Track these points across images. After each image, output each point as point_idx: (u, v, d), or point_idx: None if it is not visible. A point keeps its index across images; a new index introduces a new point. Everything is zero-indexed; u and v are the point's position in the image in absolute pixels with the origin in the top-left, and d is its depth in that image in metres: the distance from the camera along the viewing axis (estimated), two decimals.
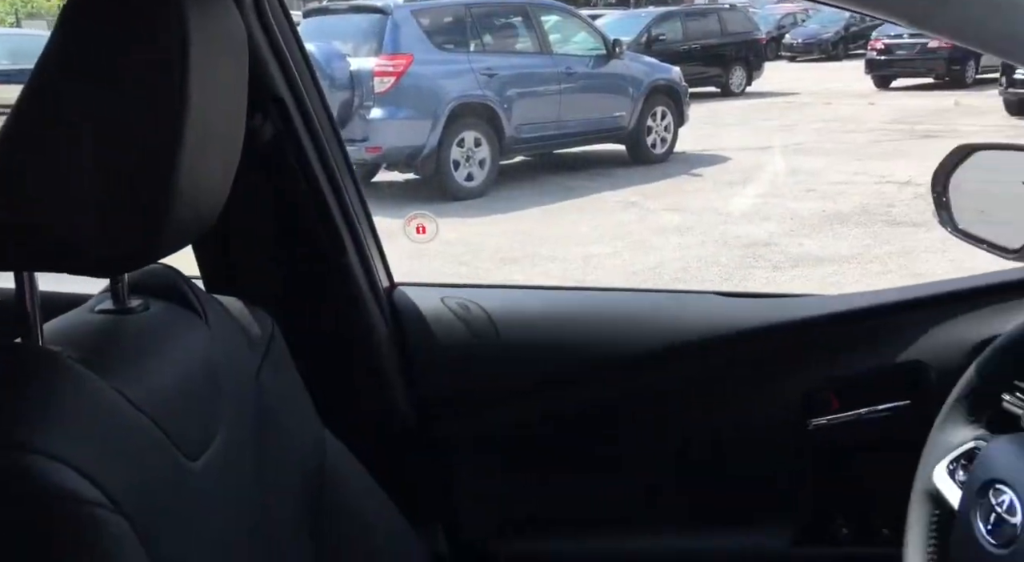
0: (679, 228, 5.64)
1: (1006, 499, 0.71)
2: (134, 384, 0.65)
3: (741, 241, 5.21)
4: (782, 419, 1.07)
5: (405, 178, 6.84)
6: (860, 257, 4.60)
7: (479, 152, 6.79)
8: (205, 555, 0.67)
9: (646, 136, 7.99)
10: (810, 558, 1.06)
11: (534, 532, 1.11)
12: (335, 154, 1.00)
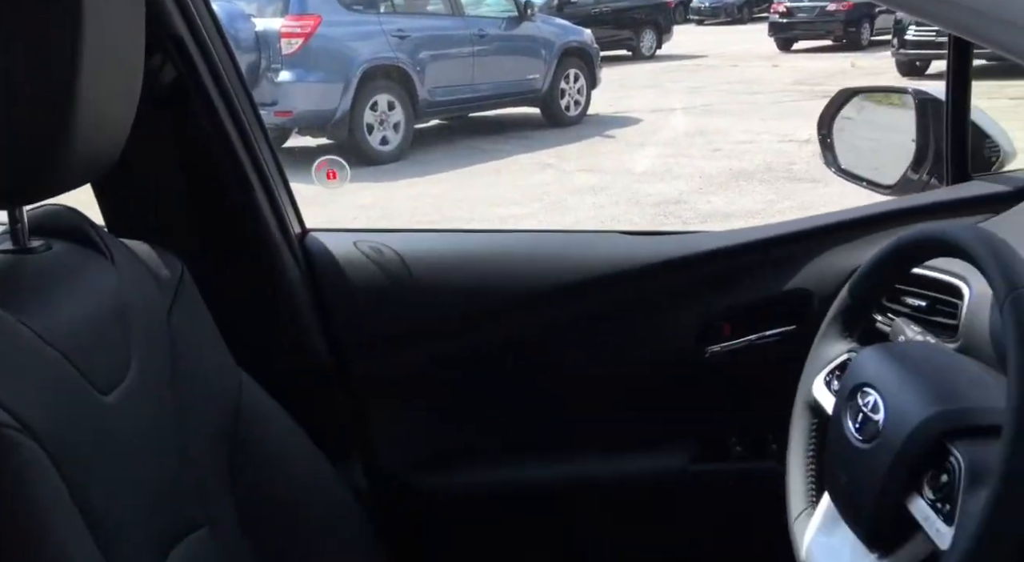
0: (594, 188, 5.75)
1: (871, 400, 0.78)
2: (41, 319, 0.65)
3: (652, 199, 5.36)
4: (680, 348, 1.14)
5: (318, 143, 6.72)
6: (764, 212, 4.79)
7: (393, 115, 6.73)
8: (121, 486, 0.69)
9: (560, 98, 8.08)
10: (706, 474, 1.14)
11: (451, 466, 1.15)
12: (239, 96, 1.00)
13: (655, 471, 1.14)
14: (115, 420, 0.70)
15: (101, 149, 0.68)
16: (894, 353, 0.82)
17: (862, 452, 0.77)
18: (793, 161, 5.77)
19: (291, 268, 1.07)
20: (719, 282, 1.15)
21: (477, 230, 1.30)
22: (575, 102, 8.26)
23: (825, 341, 0.91)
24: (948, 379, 0.76)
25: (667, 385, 1.16)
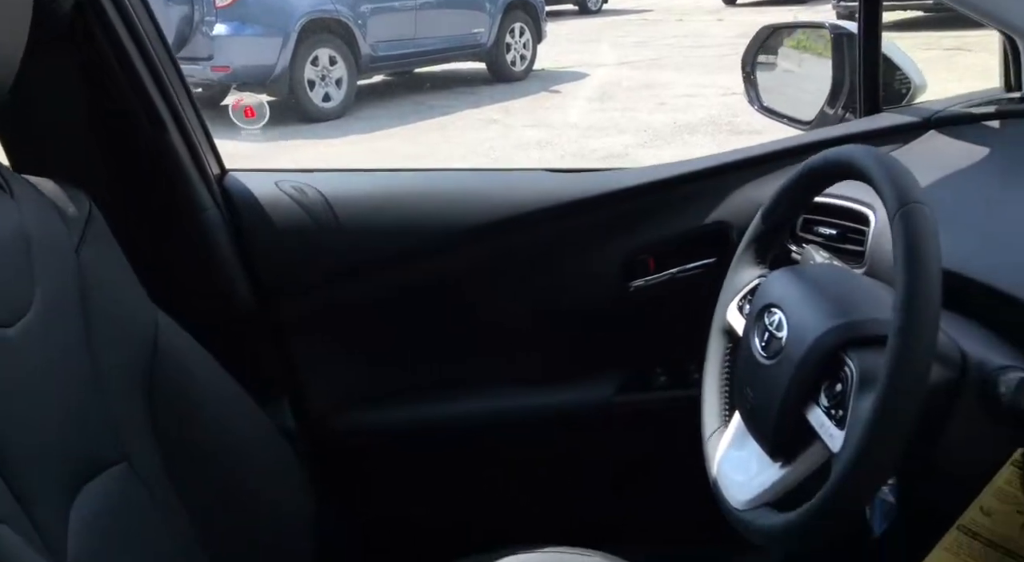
0: (540, 143, 5.75)
1: (776, 318, 0.81)
2: None
3: (598, 154, 5.38)
4: (606, 282, 1.16)
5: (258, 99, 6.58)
6: None
7: (335, 71, 6.60)
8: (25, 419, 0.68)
9: (505, 53, 8.02)
10: (631, 404, 1.17)
11: (376, 403, 1.17)
12: (146, 26, 0.97)
13: (582, 403, 1.17)
14: (17, 353, 0.69)
15: None
16: (799, 274, 0.85)
17: (766, 368, 0.80)
18: (736, 114, 5.83)
19: (210, 208, 1.06)
20: (643, 217, 1.17)
21: (402, 169, 1.29)
22: (521, 57, 8.20)
23: (739, 268, 0.94)
24: (846, 296, 0.79)
25: (593, 319, 1.18)
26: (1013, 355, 0.74)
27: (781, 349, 0.79)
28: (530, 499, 1.18)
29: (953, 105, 1.10)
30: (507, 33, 7.99)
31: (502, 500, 1.18)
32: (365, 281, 1.13)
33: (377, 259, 1.12)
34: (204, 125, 1.08)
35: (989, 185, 0.96)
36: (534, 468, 1.18)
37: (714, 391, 0.94)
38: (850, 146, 0.79)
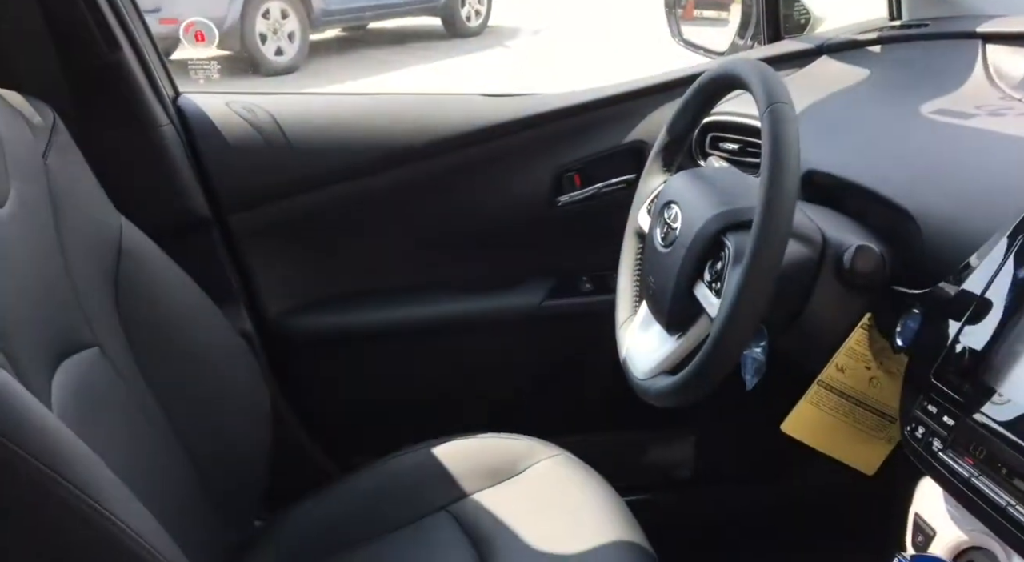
0: None
1: (674, 212, 0.93)
2: None
3: None
4: (536, 198, 1.27)
5: (210, 54, 6.50)
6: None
7: (287, 24, 6.52)
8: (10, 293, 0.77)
9: (460, 8, 8.02)
10: (559, 308, 1.29)
11: (327, 307, 1.27)
12: None
13: (515, 307, 1.28)
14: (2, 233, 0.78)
15: None
16: (695, 175, 0.97)
17: (664, 255, 0.92)
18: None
19: (165, 125, 1.14)
20: (569, 137, 1.28)
21: (346, 93, 1.37)
22: (476, 12, 8.16)
23: (648, 176, 1.06)
24: (730, 190, 0.91)
25: (524, 231, 1.29)
26: (868, 237, 0.87)
27: (676, 238, 0.91)
28: (468, 393, 1.30)
29: (843, 33, 1.22)
30: None
31: (442, 393, 1.30)
32: (314, 194, 1.22)
33: (324, 174, 1.22)
34: (158, 49, 1.15)
35: (867, 102, 1.09)
36: (471, 365, 1.30)
37: (627, 286, 1.06)
38: (732, 59, 0.90)
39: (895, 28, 1.18)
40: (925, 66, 1.07)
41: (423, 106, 1.29)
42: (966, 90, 0.98)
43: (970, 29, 1.05)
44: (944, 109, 0.95)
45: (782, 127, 0.78)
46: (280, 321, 1.24)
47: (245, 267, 1.22)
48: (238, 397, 1.05)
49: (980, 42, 1.03)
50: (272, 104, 1.22)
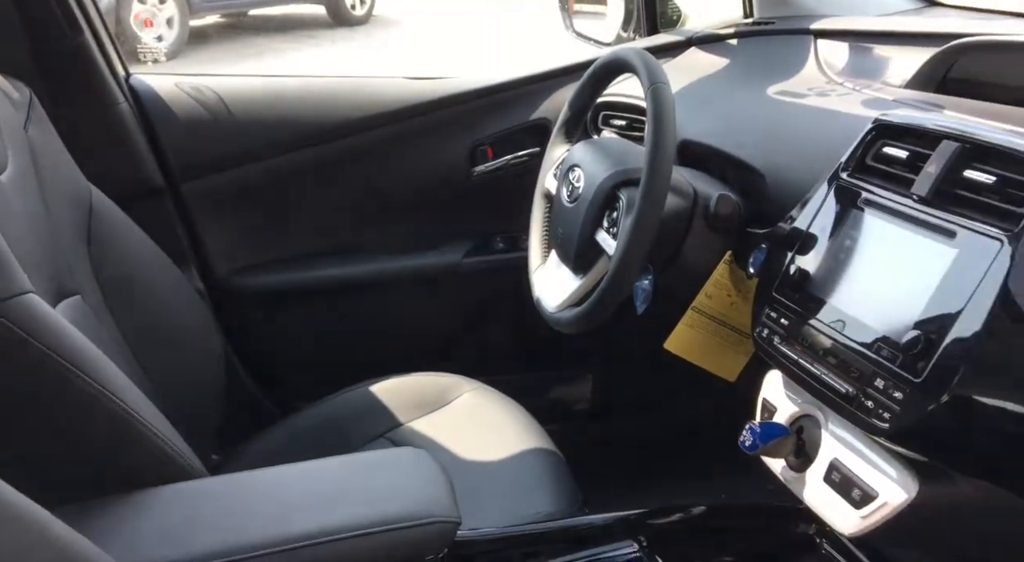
0: None
1: (577, 174, 1.13)
2: None
3: None
4: (455, 168, 1.46)
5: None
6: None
7: (165, 9, 6.39)
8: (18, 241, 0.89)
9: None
10: (476, 264, 1.49)
11: (271, 266, 1.42)
12: None
13: (439, 264, 1.47)
14: (5, 195, 0.90)
15: None
16: (593, 144, 1.18)
17: (569, 210, 1.13)
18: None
19: (121, 102, 1.26)
20: (483, 115, 1.47)
21: (286, 75, 1.51)
22: (361, 1, 8.20)
23: (553, 146, 1.26)
24: (622, 155, 1.12)
25: (445, 197, 1.48)
26: (727, 190, 1.10)
27: (579, 194, 1.12)
28: (399, 339, 1.48)
29: (708, 28, 1.46)
30: None
31: (376, 341, 1.47)
32: (257, 165, 1.37)
33: (267, 147, 1.36)
34: (110, 33, 1.27)
35: (727, 84, 1.33)
36: (401, 315, 1.48)
37: (537, 239, 1.26)
38: (620, 48, 1.12)
39: (748, 25, 1.43)
40: (770, 56, 1.32)
41: (355, 87, 1.45)
42: (801, 75, 1.23)
43: (805, 27, 1.31)
44: (784, 90, 1.20)
45: (662, 102, 1.00)
46: (228, 279, 1.38)
47: (196, 231, 1.35)
48: (194, 340, 1.19)
49: (812, 37, 1.29)
50: (217, 84, 1.35)
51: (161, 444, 0.79)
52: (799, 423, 0.93)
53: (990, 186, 0.75)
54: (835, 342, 0.83)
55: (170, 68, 6.04)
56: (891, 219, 0.83)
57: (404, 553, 0.77)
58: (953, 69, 1.05)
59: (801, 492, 0.89)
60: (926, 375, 0.72)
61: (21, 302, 0.74)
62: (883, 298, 0.81)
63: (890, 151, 0.86)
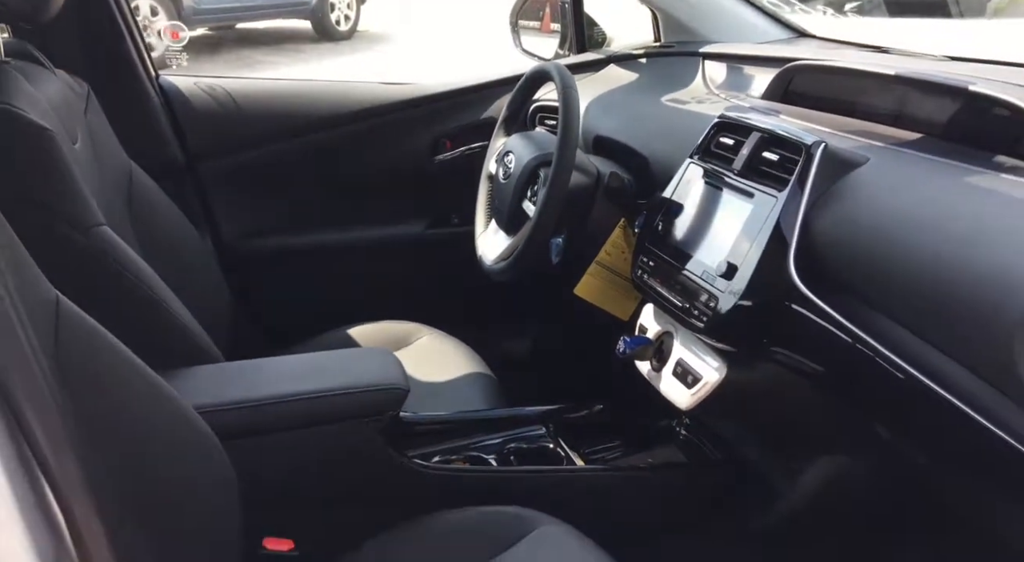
0: None
1: (510, 157, 1.47)
2: (27, 96, 1.13)
3: None
4: (420, 156, 1.80)
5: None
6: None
7: (156, 22, 6.71)
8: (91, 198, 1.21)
9: (330, 12, 8.34)
10: (436, 236, 1.82)
11: (270, 232, 1.75)
12: None
13: (406, 234, 1.81)
14: (78, 159, 1.22)
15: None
16: (525, 135, 1.51)
17: (504, 185, 1.46)
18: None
19: (153, 97, 1.59)
20: (443, 114, 1.81)
21: (285, 78, 1.84)
22: (345, 17, 8.46)
23: (495, 137, 1.60)
24: (544, 143, 1.45)
25: (411, 180, 1.82)
26: (622, 170, 1.44)
27: (511, 173, 1.46)
28: (372, 293, 1.81)
29: (624, 49, 1.82)
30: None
31: (353, 294, 1.80)
32: (260, 150, 1.70)
33: (268, 136, 1.70)
34: (145, 43, 1.60)
35: (634, 93, 1.68)
36: (374, 274, 1.81)
37: (482, 211, 1.60)
38: (544, 63, 1.46)
39: (656, 47, 1.78)
40: (669, 72, 1.67)
41: (339, 89, 1.80)
42: (689, 88, 1.58)
43: (697, 50, 1.66)
44: (674, 98, 1.55)
45: (570, 103, 1.33)
46: (234, 243, 1.71)
47: (208, 201, 1.68)
48: (207, 280, 1.50)
49: (701, 58, 1.64)
50: (228, 84, 1.69)
51: (191, 333, 1.11)
52: (661, 338, 1.27)
53: (775, 162, 1.09)
54: (680, 274, 1.17)
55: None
56: (719, 187, 1.18)
57: (368, 408, 1.10)
58: (792, 84, 1.40)
59: (658, 384, 1.23)
60: (727, 288, 1.06)
61: (99, 231, 1.06)
62: (710, 241, 1.15)
63: (723, 140, 1.21)
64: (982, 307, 0.77)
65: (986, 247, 0.80)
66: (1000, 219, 0.84)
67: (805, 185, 1.03)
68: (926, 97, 1.11)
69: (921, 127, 1.11)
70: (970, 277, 0.79)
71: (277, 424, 1.05)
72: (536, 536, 1.02)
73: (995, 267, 0.77)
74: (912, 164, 1.01)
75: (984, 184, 0.90)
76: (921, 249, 0.87)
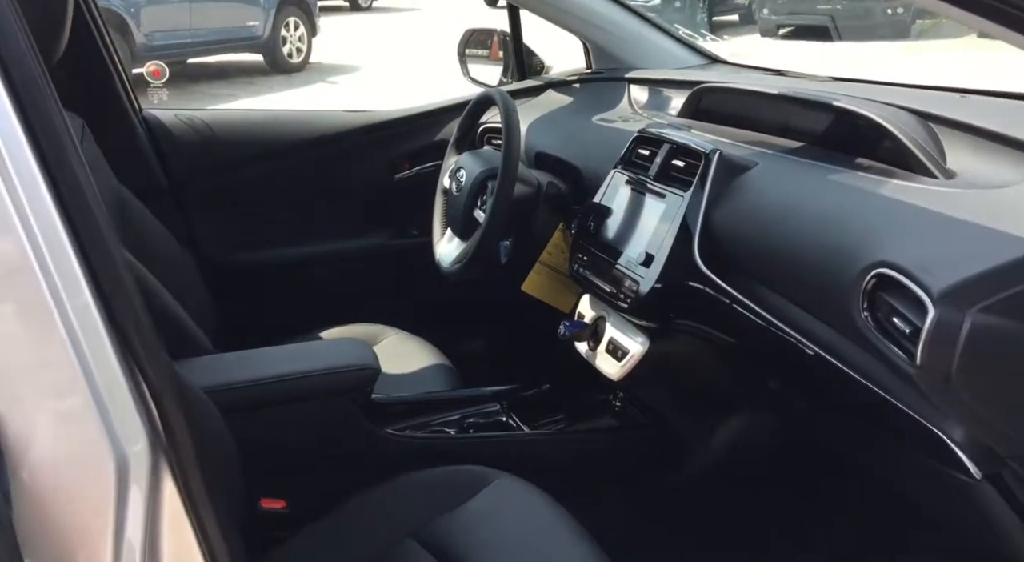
0: None
1: (461, 172, 1.67)
2: None
3: None
4: (381, 175, 2.00)
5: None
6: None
7: None
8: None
9: (282, 46, 8.52)
10: (398, 245, 2.02)
11: (244, 247, 1.93)
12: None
13: (368, 246, 2.00)
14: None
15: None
16: (474, 152, 1.72)
17: (457, 197, 1.67)
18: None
19: (138, 129, 1.77)
20: (401, 137, 2.02)
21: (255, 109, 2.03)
22: (297, 50, 8.65)
23: (448, 156, 1.81)
24: (492, 159, 1.66)
25: (374, 197, 2.02)
26: (560, 180, 1.65)
27: (463, 186, 1.66)
28: (339, 299, 1.99)
29: (560, 76, 2.05)
30: (282, 26, 8.45)
31: (323, 300, 1.99)
32: (234, 174, 1.89)
33: (241, 161, 1.88)
34: (131, 81, 1.78)
35: (569, 115, 1.90)
36: (342, 281, 2.00)
37: (438, 221, 1.80)
38: (489, 89, 1.68)
39: (588, 74, 2.01)
40: (599, 95, 1.90)
41: (307, 116, 2.00)
42: (616, 109, 1.81)
43: (623, 76, 1.89)
44: (603, 117, 1.77)
45: (511, 123, 1.55)
46: (213, 257, 1.88)
47: (190, 220, 1.85)
48: (191, 288, 1.67)
49: (627, 83, 1.88)
50: (206, 115, 1.88)
51: (186, 326, 1.29)
52: (596, 322, 1.48)
53: (682, 168, 1.32)
54: (609, 265, 1.38)
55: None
56: (638, 191, 1.40)
57: (346, 385, 1.28)
58: (701, 103, 1.63)
59: (594, 361, 1.44)
60: (646, 274, 1.28)
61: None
62: (632, 236, 1.37)
63: (641, 151, 1.43)
64: (830, 273, 0.99)
65: (836, 227, 1.03)
66: (848, 205, 1.06)
67: (705, 186, 1.25)
68: (804, 112, 1.34)
69: (802, 136, 1.34)
70: (823, 251, 1.02)
71: (270, 401, 1.23)
72: (492, 488, 1.21)
73: (839, 242, 1.00)
74: (791, 166, 1.24)
75: (843, 180, 1.13)
76: (791, 232, 1.09)
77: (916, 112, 1.17)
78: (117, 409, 0.58)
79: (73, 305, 0.58)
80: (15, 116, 0.59)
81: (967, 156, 1.10)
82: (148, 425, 0.60)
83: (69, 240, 0.59)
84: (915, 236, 0.93)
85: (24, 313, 0.58)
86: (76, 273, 0.59)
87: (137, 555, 0.59)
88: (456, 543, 1.13)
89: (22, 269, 0.58)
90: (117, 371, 0.59)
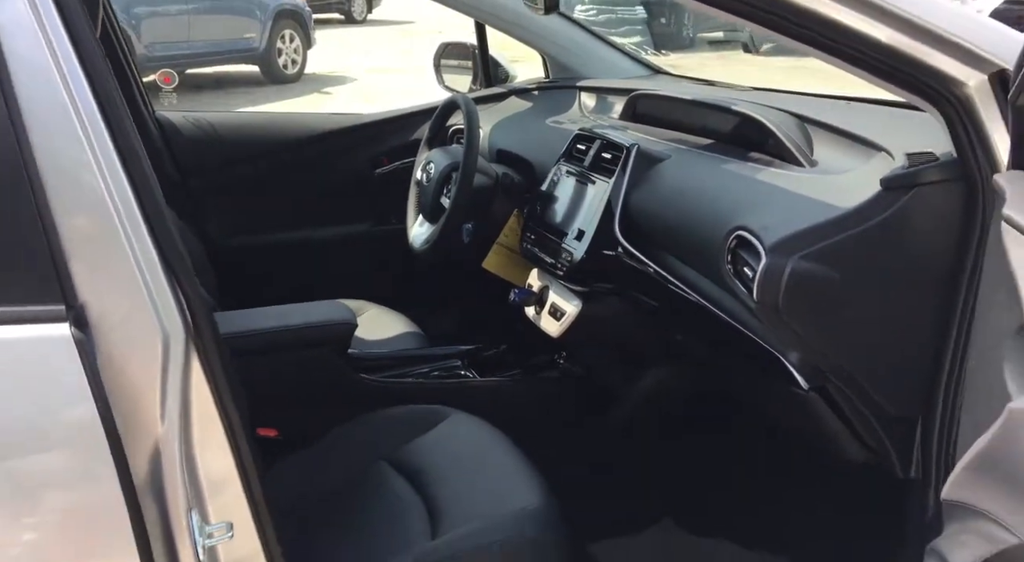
0: None
1: (431, 166, 1.94)
2: None
3: None
4: (363, 171, 2.28)
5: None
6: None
7: None
8: None
9: (277, 57, 8.76)
10: (379, 231, 2.29)
11: (247, 232, 2.20)
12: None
13: (355, 232, 2.28)
14: None
15: None
16: (442, 148, 1.99)
17: (426, 187, 1.94)
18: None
19: (152, 129, 2.04)
20: (381, 136, 2.30)
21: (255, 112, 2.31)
22: (292, 61, 8.90)
23: (420, 152, 2.08)
24: (457, 154, 1.92)
25: (355, 191, 2.29)
26: (514, 173, 1.93)
27: (432, 176, 1.93)
28: (329, 278, 2.26)
29: (522, 84, 2.33)
30: (278, 38, 8.71)
31: (314, 279, 2.25)
32: (235, 169, 2.16)
33: (245, 157, 2.16)
34: (144, 86, 2.05)
35: (528, 118, 2.17)
36: (330, 262, 2.27)
37: (412, 208, 2.07)
38: (454, 94, 1.96)
39: (546, 82, 2.30)
40: (554, 101, 2.18)
41: (299, 119, 2.28)
42: (568, 112, 2.09)
43: (574, 84, 2.17)
44: (556, 120, 2.05)
45: (472, 124, 1.82)
46: (219, 241, 2.15)
47: (198, 208, 2.12)
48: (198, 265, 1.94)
49: (578, 90, 2.15)
50: (212, 117, 2.15)
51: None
52: (542, 291, 1.75)
53: (609, 159, 1.59)
54: (551, 241, 1.66)
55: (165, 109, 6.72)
56: (576, 178, 1.67)
57: (329, 335, 1.55)
58: (637, 108, 1.91)
59: (539, 323, 1.72)
60: (578, 247, 1.55)
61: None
62: (570, 216, 1.64)
63: (579, 146, 1.71)
64: (708, 237, 1.26)
65: (714, 202, 1.30)
66: (728, 187, 1.34)
67: (626, 173, 1.52)
68: (714, 114, 1.62)
69: (712, 135, 1.61)
70: (704, 221, 1.29)
71: (264, 348, 1.50)
72: (450, 421, 1.47)
73: (715, 213, 1.27)
74: (697, 159, 1.51)
75: (731, 168, 1.40)
76: (685, 208, 1.37)
77: (796, 115, 1.44)
78: (163, 306, 0.86)
79: (137, 237, 0.85)
80: (100, 119, 0.85)
81: (829, 149, 1.37)
82: (184, 323, 0.87)
83: (136, 205, 0.86)
84: (768, 207, 1.20)
85: (108, 249, 0.85)
86: (137, 217, 0.86)
87: (176, 409, 0.86)
88: (419, 463, 1.39)
89: (108, 220, 0.85)
90: (163, 282, 0.87)
